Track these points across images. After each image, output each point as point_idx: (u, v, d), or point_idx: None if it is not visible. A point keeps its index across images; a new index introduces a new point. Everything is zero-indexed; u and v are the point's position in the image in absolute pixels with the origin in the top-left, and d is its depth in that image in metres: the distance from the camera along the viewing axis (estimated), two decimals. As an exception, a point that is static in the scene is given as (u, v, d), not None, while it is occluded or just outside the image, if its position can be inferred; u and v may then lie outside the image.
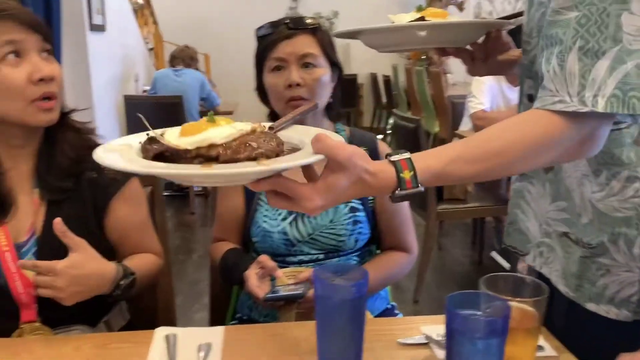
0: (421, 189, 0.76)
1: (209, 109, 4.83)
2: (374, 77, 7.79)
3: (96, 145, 1.12)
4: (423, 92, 5.70)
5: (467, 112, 3.38)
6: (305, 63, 1.25)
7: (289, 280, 1.19)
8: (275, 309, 1.22)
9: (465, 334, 0.72)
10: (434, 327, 1.01)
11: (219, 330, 1.00)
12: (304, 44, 1.26)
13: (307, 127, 0.90)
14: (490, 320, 0.73)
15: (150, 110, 4.28)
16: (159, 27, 6.90)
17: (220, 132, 0.73)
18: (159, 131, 0.76)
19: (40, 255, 1.10)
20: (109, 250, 1.16)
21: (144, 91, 5.32)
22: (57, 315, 1.10)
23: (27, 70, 1.03)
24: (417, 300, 2.90)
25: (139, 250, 1.22)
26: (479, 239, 3.58)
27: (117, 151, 0.75)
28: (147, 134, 0.76)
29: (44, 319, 1.09)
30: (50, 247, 1.08)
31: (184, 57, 4.76)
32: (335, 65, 1.31)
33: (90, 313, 1.16)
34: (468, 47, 1.08)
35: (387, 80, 7.29)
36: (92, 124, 1.21)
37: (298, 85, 1.24)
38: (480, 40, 1.07)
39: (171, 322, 1.44)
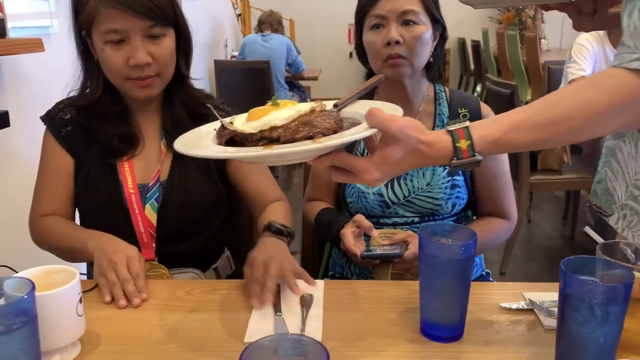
0: (479, 158, 0.77)
1: (294, 75, 4.90)
2: (461, 43, 7.49)
3: (209, 106, 1.19)
4: (515, 58, 5.43)
5: (566, 78, 3.18)
6: (405, 20, 1.23)
7: (383, 241, 1.20)
8: (369, 267, 1.24)
9: (583, 299, 0.69)
10: (537, 294, 0.99)
11: (320, 283, 1.04)
12: (405, 1, 1.23)
13: (372, 101, 0.92)
14: (612, 287, 0.70)
15: (239, 75, 4.38)
16: (246, -7, 6.99)
17: (281, 114, 0.78)
18: (229, 119, 0.84)
19: (163, 200, 1.20)
20: (228, 197, 1.27)
21: (233, 56, 5.45)
22: (173, 258, 1.20)
23: (125, 55, 1.10)
24: (504, 273, 2.83)
25: (262, 193, 1.27)
26: (571, 213, 3.42)
27: (195, 139, 0.85)
28: (221, 122, 0.84)
29: (160, 259, 1.19)
30: (174, 194, 1.19)
31: (272, 22, 4.80)
32: (437, 22, 1.28)
33: (202, 259, 1.25)
34: None
35: (475, 45, 6.99)
36: (205, 91, 1.29)
37: (397, 42, 1.22)
38: None
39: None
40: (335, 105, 0.88)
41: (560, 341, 0.75)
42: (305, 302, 0.96)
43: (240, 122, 0.81)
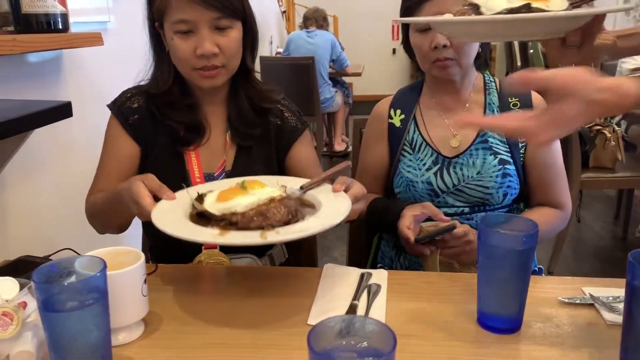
0: None
1: (338, 71, 4.91)
2: (508, 39, 7.34)
3: (275, 99, 1.28)
4: (565, 54, 5.27)
5: (620, 73, 3.09)
6: None
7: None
8: (419, 256, 1.23)
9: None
10: (597, 289, 0.97)
11: (384, 273, 1.05)
12: (450, 3, 1.18)
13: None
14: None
15: (284, 71, 4.41)
16: (290, -10, 7.03)
17: (244, 201, 0.92)
18: (208, 188, 1.00)
19: None
20: None
21: (277, 53, 5.49)
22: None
23: (193, 45, 1.12)
24: (552, 272, 2.77)
25: None
26: (624, 213, 3.31)
27: (173, 207, 0.95)
28: (198, 192, 0.98)
29: (220, 246, 1.20)
30: None
31: (317, 18, 4.82)
32: None
33: (259, 246, 1.27)
34: None
35: (522, 42, 6.82)
36: (270, 84, 1.30)
37: (444, 47, 1.22)
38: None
39: (314, 264, 1.52)
40: (301, 187, 1.01)
41: (627, 336, 0.73)
42: (372, 291, 0.97)
43: (211, 201, 0.95)
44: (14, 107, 1.40)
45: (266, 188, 0.97)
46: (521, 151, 1.29)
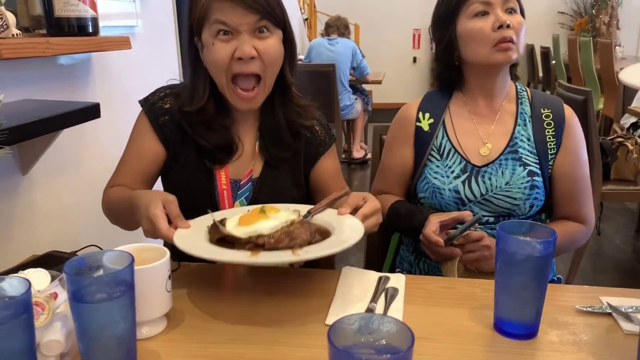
0: None
1: (359, 78, 4.93)
2: (530, 49, 7.30)
3: (313, 116, 1.28)
4: (588, 66, 5.24)
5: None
6: (508, 8, 1.23)
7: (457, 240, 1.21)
8: (439, 262, 1.24)
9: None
10: (615, 298, 0.97)
11: (402, 277, 1.06)
12: None
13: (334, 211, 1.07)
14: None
15: (304, 78, 4.45)
16: (313, -3, 7.09)
17: (268, 224, 0.96)
18: (220, 216, 1.03)
19: (253, 198, 1.23)
20: (307, 199, 1.32)
21: (299, 60, 5.53)
22: None
23: (232, 48, 1.11)
24: (570, 284, 2.74)
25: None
26: (646, 227, 3.27)
27: (191, 234, 0.98)
28: (214, 220, 1.01)
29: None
30: (264, 193, 1.22)
31: (339, 26, 4.85)
32: (523, 17, 1.27)
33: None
34: None
35: (545, 52, 6.79)
36: (305, 100, 1.28)
37: (508, 26, 1.21)
38: None
39: (332, 266, 1.53)
40: (308, 212, 1.07)
41: (644, 344, 0.74)
42: (389, 294, 0.99)
43: (232, 226, 0.98)
44: (45, 107, 1.45)
45: (282, 212, 1.01)
46: (550, 163, 1.29)
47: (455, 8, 1.27)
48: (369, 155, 5.17)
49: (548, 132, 1.30)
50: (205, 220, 1.03)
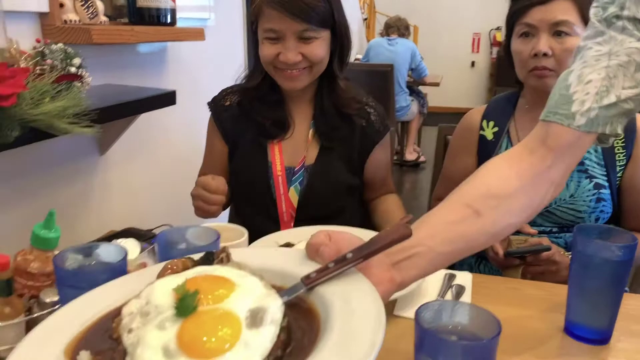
0: None
1: (416, 80, 4.90)
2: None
3: (356, 107, 1.32)
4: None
5: None
6: (557, 31, 1.17)
7: (519, 244, 1.19)
8: (500, 269, 1.23)
9: None
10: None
11: (468, 275, 1.06)
12: (559, 10, 1.17)
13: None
14: None
15: (362, 77, 4.45)
16: (373, -2, 7.10)
17: None
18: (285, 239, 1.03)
19: (307, 184, 1.29)
20: (360, 186, 1.37)
21: (357, 59, 5.55)
22: None
23: (277, 51, 1.20)
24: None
25: (384, 186, 1.41)
26: None
27: None
28: (278, 244, 1.03)
29: None
30: (318, 179, 1.29)
31: (399, 27, 4.84)
32: None
33: None
34: None
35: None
36: (356, 90, 1.36)
37: (545, 55, 1.17)
38: None
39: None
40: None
41: None
42: (455, 292, 0.99)
43: None
44: (126, 91, 1.52)
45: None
46: (618, 174, 1.25)
47: (510, 24, 1.27)
48: (422, 158, 5.13)
49: (617, 142, 1.26)
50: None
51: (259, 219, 1.31)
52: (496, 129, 1.33)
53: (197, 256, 0.60)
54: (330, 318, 0.49)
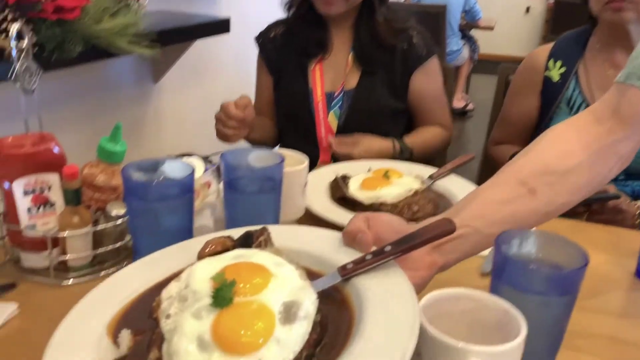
0: None
1: (470, 22, 4.69)
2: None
3: (405, 27, 1.32)
4: None
5: None
6: None
7: None
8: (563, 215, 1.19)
9: None
10: None
11: None
12: None
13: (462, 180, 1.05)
14: None
15: (412, 19, 4.29)
16: None
17: (391, 191, 0.96)
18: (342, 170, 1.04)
19: (349, 107, 1.30)
20: (406, 111, 1.36)
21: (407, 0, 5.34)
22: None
23: None
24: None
25: (431, 119, 1.37)
26: None
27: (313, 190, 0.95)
28: (337, 177, 1.01)
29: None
30: (360, 102, 1.30)
31: (455, -34, 4.59)
32: None
33: None
34: None
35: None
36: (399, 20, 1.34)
37: None
38: None
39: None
40: (430, 177, 1.05)
41: None
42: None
43: (355, 187, 0.98)
44: (180, 18, 1.49)
45: (404, 177, 1.00)
46: None
47: None
48: (470, 106, 4.98)
49: None
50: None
51: (300, 144, 1.29)
52: (563, 69, 1.26)
53: (236, 234, 0.60)
54: (363, 318, 0.48)
